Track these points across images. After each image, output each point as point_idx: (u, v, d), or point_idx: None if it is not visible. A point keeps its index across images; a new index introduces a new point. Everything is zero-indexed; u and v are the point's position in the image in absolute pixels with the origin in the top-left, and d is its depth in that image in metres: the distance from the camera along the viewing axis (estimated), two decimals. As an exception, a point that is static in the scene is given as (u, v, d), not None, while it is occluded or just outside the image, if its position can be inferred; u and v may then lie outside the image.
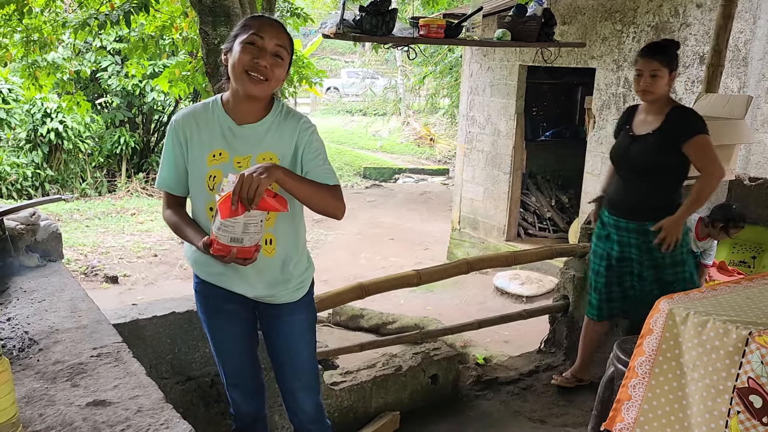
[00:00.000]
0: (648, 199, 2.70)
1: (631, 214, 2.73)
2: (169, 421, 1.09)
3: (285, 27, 1.76)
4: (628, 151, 2.70)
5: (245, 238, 1.55)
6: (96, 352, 1.32)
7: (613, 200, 2.82)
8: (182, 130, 1.75)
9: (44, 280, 1.74)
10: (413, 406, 2.89)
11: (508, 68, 6.95)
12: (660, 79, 2.58)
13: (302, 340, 1.92)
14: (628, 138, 2.72)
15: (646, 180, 2.68)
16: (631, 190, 2.73)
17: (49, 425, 1.09)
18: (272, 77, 1.67)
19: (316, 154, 1.74)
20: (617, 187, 2.81)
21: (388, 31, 2.50)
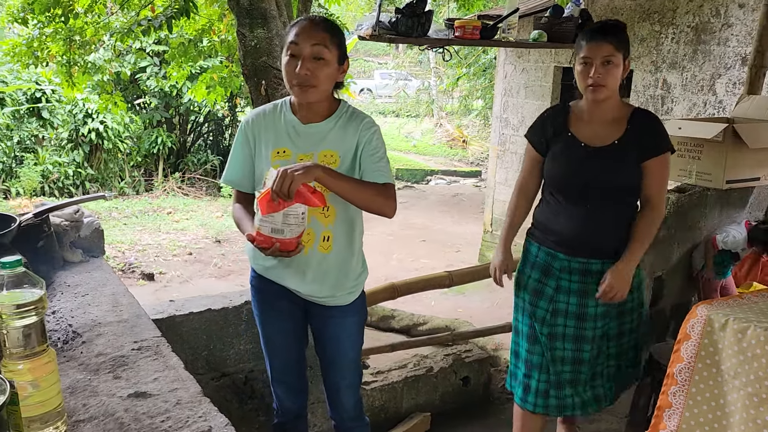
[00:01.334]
0: (615, 229, 2.10)
1: (595, 252, 2.10)
2: (207, 414, 1.11)
3: (324, 22, 1.74)
4: (584, 167, 2.07)
5: (286, 230, 1.58)
6: (137, 345, 1.36)
7: (565, 234, 2.11)
8: (251, 129, 1.83)
9: (87, 275, 1.79)
10: (444, 407, 2.89)
11: (542, 70, 6.88)
12: (615, 67, 1.98)
13: (351, 342, 1.93)
14: (580, 151, 2.07)
15: (610, 205, 2.09)
16: (594, 218, 2.08)
17: (92, 415, 1.12)
18: (318, 81, 1.68)
19: (373, 151, 1.75)
20: (567, 216, 2.11)
21: (424, 33, 2.50)
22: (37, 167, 10.00)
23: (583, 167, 2.07)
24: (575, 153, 2.08)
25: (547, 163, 2.15)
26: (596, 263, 2.09)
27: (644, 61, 5.64)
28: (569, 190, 2.10)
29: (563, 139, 2.10)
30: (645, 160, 2.03)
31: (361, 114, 1.82)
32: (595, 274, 2.09)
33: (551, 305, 2.13)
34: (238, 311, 2.28)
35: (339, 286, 1.84)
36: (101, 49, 8.43)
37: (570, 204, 2.10)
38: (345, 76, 1.78)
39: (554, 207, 2.14)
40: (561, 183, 2.11)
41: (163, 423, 1.09)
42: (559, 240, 2.12)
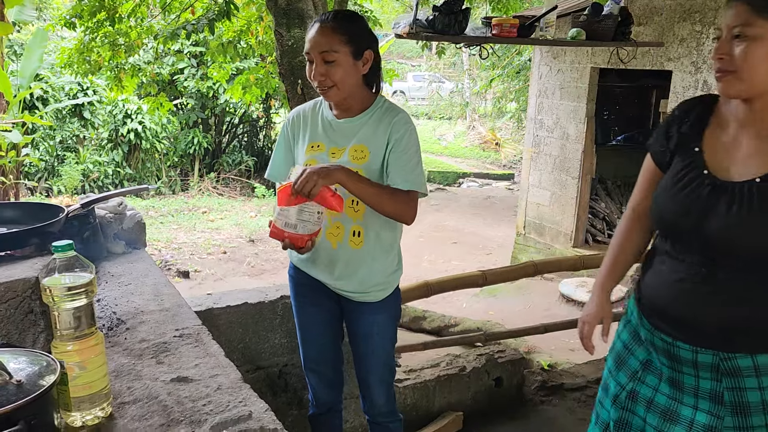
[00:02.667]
0: (755, 311, 1.31)
1: (708, 338, 1.35)
2: (246, 399, 1.13)
3: (334, 21, 1.73)
4: (710, 211, 1.32)
5: (299, 225, 1.61)
6: (178, 333, 1.39)
7: (665, 307, 1.41)
8: (292, 126, 1.90)
9: (130, 266, 1.83)
10: (476, 407, 2.87)
11: (579, 70, 6.80)
12: (755, 44, 1.24)
13: (381, 338, 1.93)
14: (703, 183, 1.35)
15: (749, 275, 1.31)
16: (717, 293, 1.33)
17: (137, 397, 1.15)
18: (334, 81, 1.71)
19: (401, 153, 1.73)
20: (676, 281, 1.39)
21: (461, 31, 2.50)
22: (78, 166, 10.28)
23: (706, 210, 1.33)
24: (699, 187, 1.35)
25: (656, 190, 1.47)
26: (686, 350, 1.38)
27: (684, 62, 5.53)
28: (678, 239, 1.40)
29: (687, 154, 1.40)
30: None
31: (396, 109, 1.81)
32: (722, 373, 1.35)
33: (633, 383, 1.51)
34: (274, 306, 2.31)
35: (369, 282, 1.84)
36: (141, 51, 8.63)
37: (679, 260, 1.39)
38: (368, 66, 1.76)
39: (663, 264, 1.45)
40: (671, 225, 1.41)
41: (204, 407, 1.11)
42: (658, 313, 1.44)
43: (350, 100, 1.79)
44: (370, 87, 1.85)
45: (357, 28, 1.76)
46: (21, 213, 1.64)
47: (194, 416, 1.08)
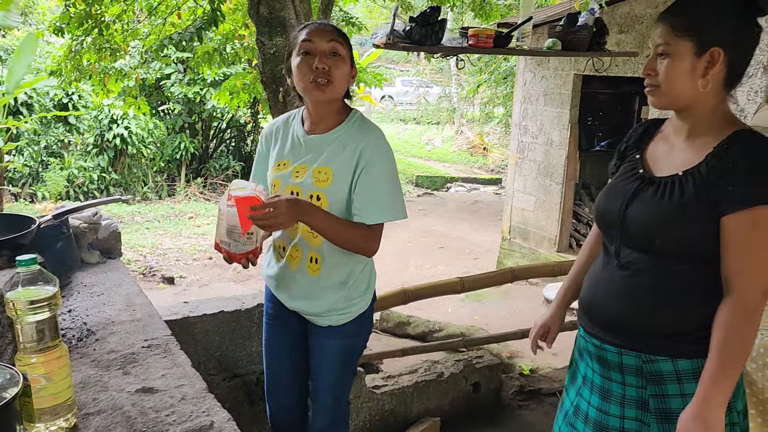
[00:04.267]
0: (670, 309, 1.36)
1: (630, 338, 1.40)
2: (210, 410, 1.15)
3: (336, 28, 1.74)
4: (629, 205, 1.41)
5: (231, 244, 1.56)
6: (147, 343, 1.41)
7: (593, 305, 1.49)
8: (266, 140, 1.86)
9: (103, 275, 1.85)
10: (454, 412, 2.90)
11: (562, 77, 6.87)
12: (672, 60, 1.33)
13: (329, 363, 1.84)
14: (635, 179, 1.45)
15: (666, 270, 1.36)
16: (637, 288, 1.40)
17: (101, 408, 1.17)
18: (335, 78, 1.65)
19: (372, 183, 1.65)
20: (605, 280, 1.46)
21: (437, 41, 2.53)
22: (62, 172, 10.22)
23: (626, 205, 1.41)
24: (628, 183, 1.45)
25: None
26: (630, 356, 1.40)
27: (664, 70, 5.60)
28: (608, 235, 1.47)
29: (630, 161, 1.51)
30: (723, 213, 1.29)
31: (368, 128, 1.72)
32: (630, 372, 1.41)
33: (577, 398, 1.55)
34: (250, 314, 2.32)
35: (325, 307, 1.77)
36: (128, 56, 8.61)
37: (607, 257, 1.47)
38: (353, 80, 1.74)
39: (596, 262, 1.54)
40: (600, 222, 1.52)
41: (167, 417, 1.13)
42: (584, 310, 1.52)
43: (330, 109, 1.72)
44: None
45: (349, 42, 1.75)
46: (-7, 224, 1.65)
47: (156, 427, 1.10)
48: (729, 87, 1.37)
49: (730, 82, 1.36)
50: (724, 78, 1.34)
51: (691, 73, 1.33)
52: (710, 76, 1.32)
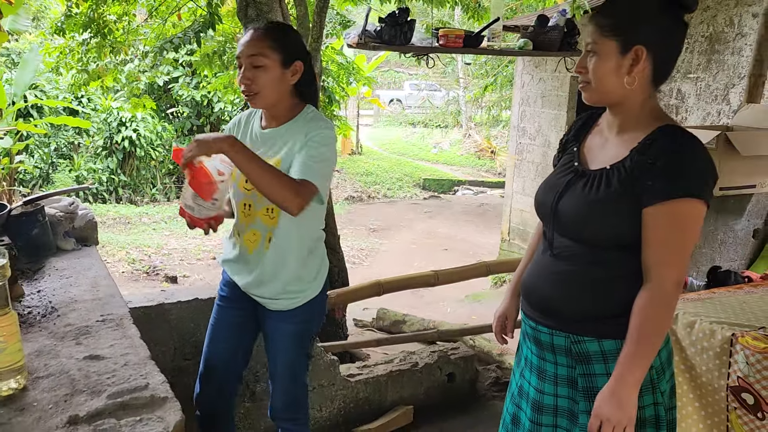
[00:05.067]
0: (597, 294, 1.45)
1: (560, 320, 1.49)
2: (148, 374, 1.25)
3: (267, 29, 1.77)
4: (562, 197, 1.49)
5: (195, 208, 1.64)
6: (102, 318, 1.51)
7: (530, 288, 1.58)
8: (234, 130, 1.92)
9: (76, 261, 1.96)
10: (429, 401, 2.98)
11: (559, 79, 6.93)
12: (599, 59, 1.41)
13: (284, 346, 1.90)
14: (569, 172, 1.52)
15: (593, 258, 1.45)
16: (566, 273, 1.49)
17: (50, 373, 1.27)
18: (258, 88, 1.72)
19: (307, 149, 1.70)
20: (541, 266, 1.56)
21: (406, 41, 2.63)
22: (71, 173, 10.43)
23: (554, 193, 1.51)
24: (563, 174, 1.53)
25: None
26: (560, 335, 1.49)
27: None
28: (545, 223, 1.57)
29: (568, 153, 1.59)
30: (644, 205, 1.37)
31: (319, 121, 1.78)
32: (559, 352, 1.50)
33: (521, 379, 1.64)
34: (224, 301, 2.42)
35: (280, 290, 1.83)
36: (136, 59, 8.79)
37: (545, 244, 1.56)
38: (297, 77, 1.77)
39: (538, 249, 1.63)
40: (538, 211, 1.59)
41: (108, 379, 1.23)
42: (524, 292, 1.62)
43: (277, 108, 1.79)
44: (306, 100, 1.86)
45: (288, 39, 1.78)
46: (-31, 210, 1.77)
47: (96, 387, 1.21)
48: (657, 83, 1.43)
49: (657, 79, 1.43)
50: (650, 75, 1.40)
51: (617, 70, 1.39)
52: (635, 74, 1.39)
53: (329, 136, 1.75)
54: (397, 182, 14.87)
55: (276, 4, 3.80)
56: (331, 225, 3.99)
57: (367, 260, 9.25)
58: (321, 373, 2.72)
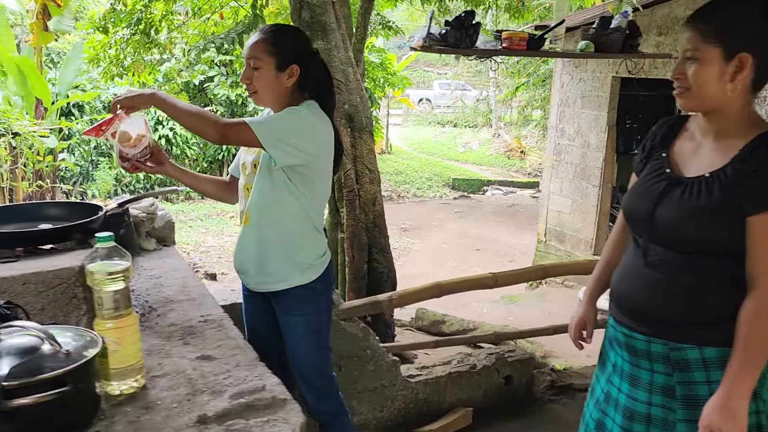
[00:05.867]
0: (693, 300, 1.43)
1: (658, 327, 1.47)
2: (262, 375, 1.28)
3: (267, 32, 1.87)
4: (659, 204, 1.47)
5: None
6: (203, 318, 1.55)
7: (623, 295, 1.56)
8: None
9: (160, 261, 2.00)
10: (486, 404, 2.98)
11: (600, 80, 6.87)
12: (701, 65, 1.39)
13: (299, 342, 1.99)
14: (663, 179, 1.50)
15: (689, 264, 1.43)
16: (662, 280, 1.47)
17: (166, 372, 1.31)
18: (255, 88, 1.86)
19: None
20: (635, 273, 1.53)
21: (472, 44, 2.64)
22: (111, 171, 10.61)
23: (655, 203, 1.47)
24: (655, 182, 1.50)
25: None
26: (658, 344, 1.46)
27: (704, 72, 5.56)
28: (636, 231, 1.54)
29: (656, 159, 1.55)
30: (747, 214, 1.35)
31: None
32: (658, 360, 1.47)
33: (607, 385, 1.62)
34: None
35: (260, 265, 1.95)
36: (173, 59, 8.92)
37: (636, 252, 1.53)
38: (293, 80, 1.86)
39: (626, 255, 1.61)
40: (629, 218, 1.58)
41: (225, 380, 1.26)
42: (615, 300, 1.59)
43: (276, 108, 1.90)
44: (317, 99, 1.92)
45: (287, 42, 1.87)
46: (65, 211, 1.82)
47: (216, 387, 1.24)
48: (756, 90, 1.43)
49: (757, 85, 1.42)
50: (751, 82, 1.39)
51: (720, 77, 1.38)
52: (738, 81, 1.38)
53: (297, 109, 1.84)
54: (426, 182, 14.86)
55: (330, 7, 3.84)
56: (381, 226, 4.02)
57: (400, 260, 9.27)
58: (382, 373, 2.74)
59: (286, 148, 1.79)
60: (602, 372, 1.67)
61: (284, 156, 1.80)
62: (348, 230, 3.84)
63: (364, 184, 3.89)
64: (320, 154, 1.90)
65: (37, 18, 7.32)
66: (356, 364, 2.66)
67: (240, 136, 1.79)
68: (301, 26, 3.85)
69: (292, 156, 1.81)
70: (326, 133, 1.91)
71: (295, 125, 1.81)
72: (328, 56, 3.79)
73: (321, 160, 1.91)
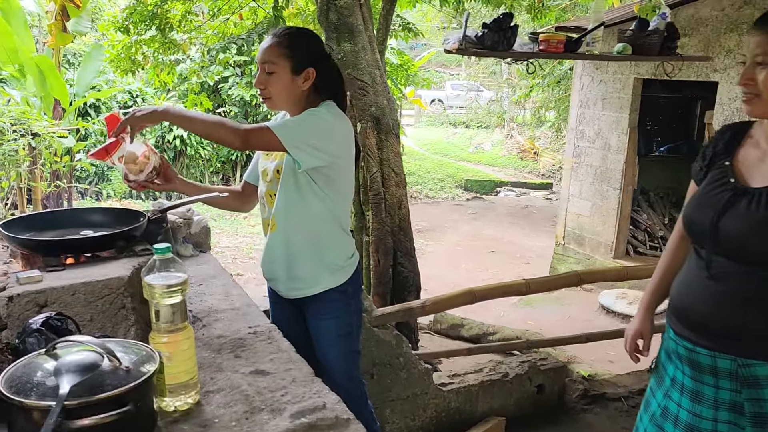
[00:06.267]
0: (759, 313, 1.38)
1: (723, 341, 1.41)
2: (320, 392, 1.24)
3: (282, 36, 1.83)
4: (723, 216, 1.41)
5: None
6: (252, 330, 1.51)
7: (684, 308, 1.51)
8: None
9: (198, 268, 1.97)
10: (519, 413, 2.94)
11: (621, 81, 6.79)
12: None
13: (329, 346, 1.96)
14: (727, 189, 1.45)
15: (755, 277, 1.37)
16: (726, 293, 1.41)
17: (220, 387, 1.27)
18: (269, 93, 1.82)
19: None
20: (697, 285, 1.47)
21: (509, 47, 2.59)
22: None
23: (713, 212, 1.43)
24: (720, 193, 1.45)
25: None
26: (725, 360, 1.42)
27: (731, 73, 5.49)
28: (700, 243, 1.48)
29: (719, 168, 1.50)
30: None
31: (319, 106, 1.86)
32: (725, 376, 1.43)
33: (665, 400, 1.57)
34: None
35: (290, 270, 1.91)
36: (188, 60, 8.91)
37: (699, 265, 1.47)
38: (309, 83, 1.82)
39: (686, 266, 1.55)
40: (691, 231, 1.52)
41: (282, 396, 1.22)
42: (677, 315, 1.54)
43: (292, 112, 1.87)
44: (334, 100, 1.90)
45: (301, 45, 1.83)
46: (105, 217, 1.78)
47: (274, 405, 1.19)
48: None
49: None
50: None
51: None
52: None
53: (316, 110, 1.81)
54: (439, 183, 14.79)
55: (357, 9, 3.79)
56: (406, 230, 3.97)
57: (415, 262, 9.22)
58: (415, 381, 2.70)
59: (309, 150, 1.76)
60: (659, 386, 1.62)
61: (307, 157, 1.77)
62: (373, 234, 3.79)
63: (390, 187, 3.84)
64: (342, 154, 1.87)
65: (55, 19, 7.33)
66: (389, 371, 2.61)
67: (262, 140, 1.75)
68: (328, 28, 3.80)
69: (315, 157, 1.78)
70: (347, 132, 1.89)
71: (315, 126, 1.79)
72: (355, 58, 3.75)
73: (343, 160, 1.88)
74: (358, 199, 3.91)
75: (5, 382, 1.02)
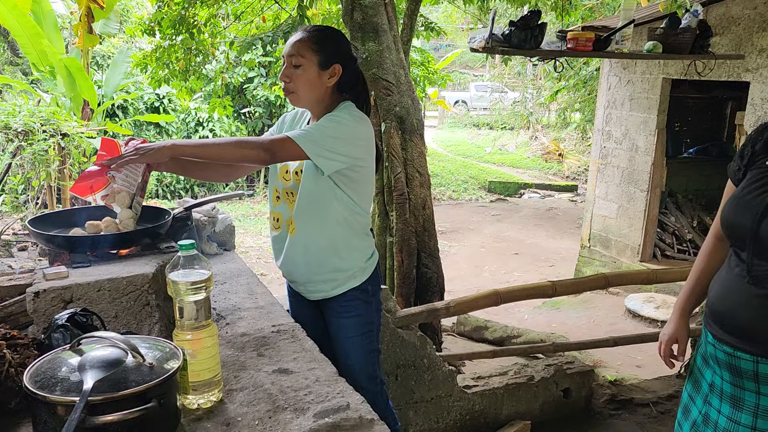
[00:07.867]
0: None
1: (766, 346, 1.38)
2: (344, 392, 1.22)
3: (310, 31, 1.81)
4: (765, 218, 1.36)
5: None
6: (275, 328, 1.50)
7: (724, 312, 1.46)
8: (291, 118, 2.01)
9: (223, 266, 1.96)
10: (544, 417, 2.89)
11: (650, 81, 6.68)
12: None
13: (349, 345, 1.93)
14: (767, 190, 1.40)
15: None
16: (764, 295, 1.37)
17: (243, 385, 1.25)
18: (295, 87, 1.80)
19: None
20: (738, 288, 1.43)
21: (537, 45, 2.54)
22: (153, 172, 10.73)
23: (754, 214, 1.38)
24: (758, 191, 1.40)
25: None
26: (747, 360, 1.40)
27: (763, 73, 5.36)
28: (739, 246, 1.43)
29: (758, 168, 1.44)
30: None
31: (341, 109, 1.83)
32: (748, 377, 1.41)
33: (705, 407, 1.54)
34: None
35: (311, 274, 1.88)
36: (214, 60, 8.97)
37: (741, 268, 1.42)
38: (335, 79, 1.81)
39: (725, 269, 1.50)
40: (731, 234, 1.47)
41: (306, 396, 1.20)
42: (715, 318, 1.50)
43: (315, 109, 1.85)
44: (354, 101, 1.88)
45: (330, 42, 1.82)
46: (131, 214, 1.78)
47: (297, 404, 1.18)
48: None
49: None
50: None
51: None
52: None
53: (336, 115, 1.78)
54: (462, 184, 14.71)
55: (382, 8, 3.78)
56: (430, 231, 3.94)
57: (439, 263, 9.18)
58: (439, 383, 2.67)
59: (332, 156, 1.75)
60: (697, 392, 1.57)
61: (330, 164, 1.76)
62: (397, 234, 3.77)
63: (414, 187, 3.81)
64: (364, 156, 1.86)
65: (80, 20, 7.45)
66: (413, 373, 2.59)
67: (287, 152, 1.73)
68: (353, 28, 3.80)
69: (338, 162, 1.77)
70: (368, 135, 1.87)
71: (335, 132, 1.77)
72: (380, 58, 3.73)
73: (365, 162, 1.87)
74: (382, 199, 3.89)
75: (30, 377, 1.02)
